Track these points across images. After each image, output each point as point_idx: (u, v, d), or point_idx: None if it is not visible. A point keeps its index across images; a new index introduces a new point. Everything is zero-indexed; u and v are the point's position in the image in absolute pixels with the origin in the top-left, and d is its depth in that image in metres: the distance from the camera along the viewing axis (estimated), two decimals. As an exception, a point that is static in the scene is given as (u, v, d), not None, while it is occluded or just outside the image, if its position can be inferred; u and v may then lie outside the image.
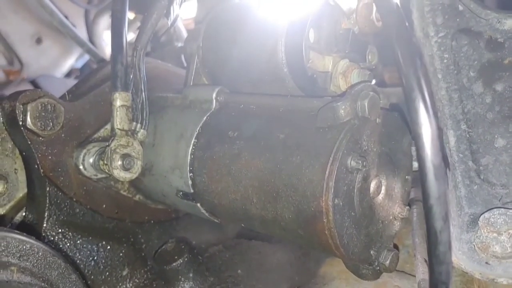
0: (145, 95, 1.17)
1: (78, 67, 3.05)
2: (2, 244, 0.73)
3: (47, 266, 0.78)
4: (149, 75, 1.20)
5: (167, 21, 1.25)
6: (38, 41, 2.68)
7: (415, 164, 1.11)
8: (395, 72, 1.66)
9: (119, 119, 1.12)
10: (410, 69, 0.61)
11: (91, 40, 2.77)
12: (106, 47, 2.90)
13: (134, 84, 1.16)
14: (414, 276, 1.09)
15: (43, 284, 0.73)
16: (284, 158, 0.91)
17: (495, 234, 0.82)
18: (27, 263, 0.75)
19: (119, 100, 1.12)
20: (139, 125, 1.17)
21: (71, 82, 2.57)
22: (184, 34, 2.20)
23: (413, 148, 1.08)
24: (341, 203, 0.84)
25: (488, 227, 0.83)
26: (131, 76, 1.15)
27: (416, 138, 0.61)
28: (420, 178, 0.61)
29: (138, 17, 2.45)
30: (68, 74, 2.92)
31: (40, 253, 0.77)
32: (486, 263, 0.82)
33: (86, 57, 2.94)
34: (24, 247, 0.76)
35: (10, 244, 0.74)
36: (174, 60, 1.80)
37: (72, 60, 2.90)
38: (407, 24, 0.71)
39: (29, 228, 1.08)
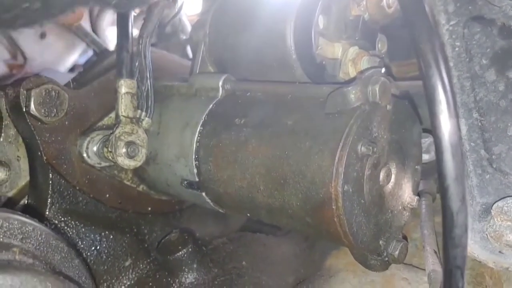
0: (150, 83, 1.15)
1: (81, 63, 3.04)
2: (5, 225, 0.71)
3: (49, 249, 0.76)
4: (154, 65, 1.19)
5: (173, 10, 1.24)
6: (42, 35, 2.67)
7: (425, 156, 1.10)
8: (403, 66, 1.65)
9: (124, 106, 1.11)
10: (428, 46, 0.59)
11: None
12: (109, 43, 2.88)
13: (140, 72, 1.15)
14: (422, 269, 1.07)
15: (45, 266, 0.72)
16: (292, 144, 0.89)
17: (509, 223, 0.80)
18: (30, 245, 0.73)
19: (124, 87, 1.11)
20: (144, 113, 1.15)
21: (75, 77, 2.55)
22: (189, 28, 2.18)
23: (423, 140, 1.07)
24: (350, 190, 0.82)
25: (501, 215, 0.81)
26: (137, 64, 1.14)
27: (432, 117, 0.59)
28: (436, 158, 0.59)
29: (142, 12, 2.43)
30: (72, 70, 2.91)
31: (42, 236, 0.75)
32: (500, 252, 0.80)
33: (90, 53, 2.93)
34: (27, 229, 0.74)
35: (13, 226, 0.72)
36: (179, 52, 1.79)
37: (76, 55, 2.89)
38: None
39: (32, 215, 1.07)
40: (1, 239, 0.71)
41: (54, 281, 0.65)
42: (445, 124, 0.58)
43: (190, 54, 1.62)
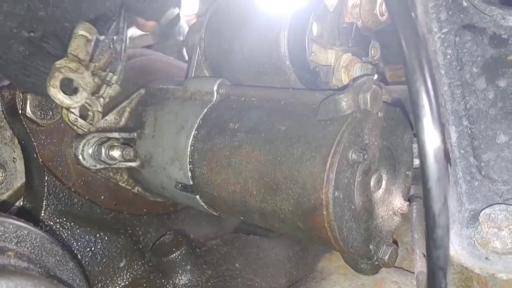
0: (125, 45, 1.11)
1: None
2: (0, 229, 0.72)
3: (44, 253, 0.77)
4: (150, 68, 1.19)
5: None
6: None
7: (416, 161, 1.11)
8: (396, 70, 1.66)
9: (76, 46, 1.04)
10: (413, 52, 0.60)
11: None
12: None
13: (117, 31, 1.11)
14: (412, 272, 1.09)
15: (40, 270, 0.73)
16: (284, 150, 0.90)
17: (495, 230, 0.82)
18: (25, 249, 0.74)
19: (82, 29, 1.04)
20: (115, 77, 1.12)
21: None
22: (186, 29, 2.19)
23: (414, 145, 1.08)
24: (341, 196, 0.84)
25: (488, 222, 0.83)
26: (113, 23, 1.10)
27: (416, 120, 0.60)
28: (419, 160, 0.60)
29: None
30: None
31: (37, 239, 0.77)
32: (486, 258, 0.82)
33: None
34: (22, 232, 0.75)
35: (8, 230, 0.73)
36: (175, 54, 1.79)
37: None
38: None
39: (27, 217, 1.08)
40: (-4, 243, 0.72)
41: (48, 284, 0.66)
42: (428, 127, 0.59)
43: (186, 57, 1.62)
